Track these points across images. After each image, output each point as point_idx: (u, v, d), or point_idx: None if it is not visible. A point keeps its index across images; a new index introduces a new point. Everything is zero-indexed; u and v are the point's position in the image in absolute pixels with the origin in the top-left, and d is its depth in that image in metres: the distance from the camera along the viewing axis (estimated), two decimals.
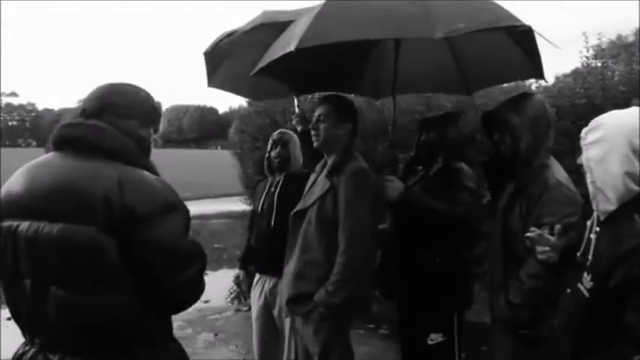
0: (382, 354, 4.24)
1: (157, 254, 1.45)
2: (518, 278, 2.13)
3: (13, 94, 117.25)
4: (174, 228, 1.49)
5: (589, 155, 1.55)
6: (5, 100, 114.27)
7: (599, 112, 1.63)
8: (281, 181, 3.13)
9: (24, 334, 1.56)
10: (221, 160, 11.99)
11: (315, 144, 2.55)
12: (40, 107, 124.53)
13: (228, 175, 10.61)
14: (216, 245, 8.41)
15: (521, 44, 2.49)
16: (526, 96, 2.38)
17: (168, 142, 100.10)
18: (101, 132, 1.54)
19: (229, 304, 5.87)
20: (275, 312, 3.08)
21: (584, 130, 1.59)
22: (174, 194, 1.54)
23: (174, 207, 1.51)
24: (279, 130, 3.26)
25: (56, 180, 1.46)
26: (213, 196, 14.94)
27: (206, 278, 5.84)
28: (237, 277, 3.45)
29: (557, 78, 6.01)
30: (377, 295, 2.82)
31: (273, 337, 3.13)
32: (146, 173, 1.52)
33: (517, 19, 2.16)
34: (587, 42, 5.29)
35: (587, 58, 5.28)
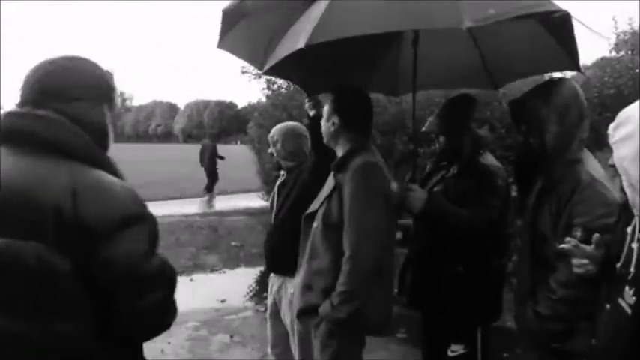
0: (400, 359, 4.11)
1: (115, 276, 1.25)
2: (548, 286, 1.97)
3: None
4: (136, 246, 1.27)
5: (621, 154, 1.37)
6: None
7: (628, 103, 1.44)
8: (283, 177, 3.09)
9: None
10: (240, 156, 12.06)
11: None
12: None
13: (248, 170, 10.59)
14: (233, 243, 8.28)
15: (553, 32, 2.28)
16: (555, 82, 2.18)
17: (190, 137, 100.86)
18: (52, 125, 1.30)
19: (247, 303, 5.76)
20: (281, 313, 3.03)
21: (611, 126, 1.42)
22: (139, 202, 1.32)
23: (138, 220, 1.29)
24: (274, 127, 3.17)
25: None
26: (232, 192, 14.95)
27: (223, 277, 5.85)
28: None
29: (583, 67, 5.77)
30: (395, 298, 2.68)
31: (282, 339, 3.08)
32: (105, 177, 1.29)
33: (553, 4, 1.95)
34: (616, 28, 5.10)
35: (617, 45, 5.08)
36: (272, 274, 3.15)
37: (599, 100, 4.43)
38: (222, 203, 13.20)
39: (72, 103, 1.35)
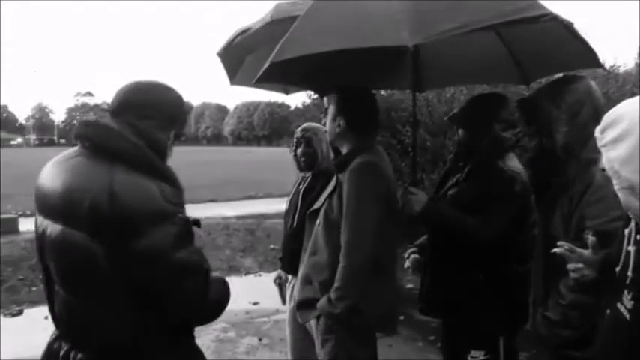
0: None
1: (144, 265, 1.47)
2: (559, 291, 1.94)
3: (89, 94, 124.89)
4: (164, 239, 1.48)
5: (611, 156, 1.35)
6: (82, 99, 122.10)
7: None
8: (309, 178, 3.14)
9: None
10: (290, 158, 12.35)
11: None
12: None
13: (296, 173, 10.73)
14: (271, 246, 8.43)
15: (572, 31, 2.29)
16: (567, 79, 2.16)
17: (239, 139, 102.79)
18: (106, 133, 1.58)
19: (280, 306, 5.84)
20: None
21: (598, 128, 1.40)
22: (173, 203, 1.54)
23: (167, 217, 1.50)
24: (302, 127, 3.23)
25: (61, 181, 1.56)
26: (278, 195, 15.19)
27: (258, 279, 5.99)
28: (277, 277, 3.46)
29: None
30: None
31: (303, 341, 3.09)
32: (144, 180, 1.52)
33: (541, 8, 1.98)
34: None
35: None
36: (290, 277, 3.23)
37: None
38: (266, 206, 13.44)
39: (143, 120, 1.63)
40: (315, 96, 9.27)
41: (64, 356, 1.58)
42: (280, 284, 3.42)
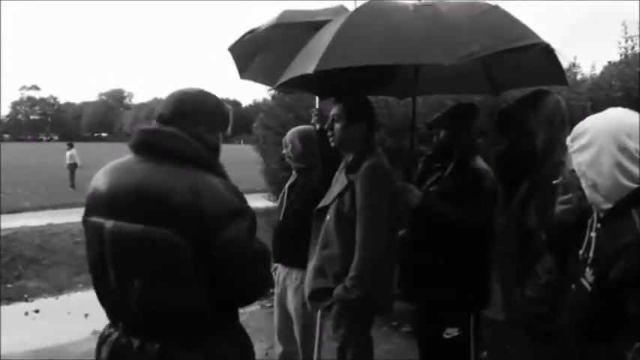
0: (403, 352, 4.33)
1: (230, 253, 1.67)
2: (535, 273, 2.23)
3: (35, 88, 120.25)
4: (243, 230, 1.69)
5: (579, 160, 1.67)
6: (27, 93, 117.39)
7: (638, 106, 1.72)
8: (294, 178, 3.37)
9: (109, 317, 1.83)
10: (244, 155, 12.25)
11: (332, 144, 2.70)
12: (61, 101, 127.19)
13: (252, 170, 10.73)
14: None
15: (546, 53, 2.56)
16: (541, 94, 2.48)
17: None
18: (175, 139, 1.75)
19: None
20: (287, 302, 3.31)
21: (569, 138, 1.73)
22: (242, 199, 1.75)
23: (242, 212, 1.71)
24: (291, 130, 3.44)
25: (137, 184, 1.69)
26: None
27: None
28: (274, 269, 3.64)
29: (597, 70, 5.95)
30: (399, 293, 2.97)
31: (288, 328, 3.34)
32: (216, 180, 1.71)
33: (535, 37, 2.26)
34: (626, 32, 5.26)
35: (626, 49, 5.26)
36: (279, 266, 3.42)
37: (608, 102, 4.60)
38: None
39: (195, 126, 1.79)
40: (276, 94, 9.31)
41: (139, 350, 1.69)
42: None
